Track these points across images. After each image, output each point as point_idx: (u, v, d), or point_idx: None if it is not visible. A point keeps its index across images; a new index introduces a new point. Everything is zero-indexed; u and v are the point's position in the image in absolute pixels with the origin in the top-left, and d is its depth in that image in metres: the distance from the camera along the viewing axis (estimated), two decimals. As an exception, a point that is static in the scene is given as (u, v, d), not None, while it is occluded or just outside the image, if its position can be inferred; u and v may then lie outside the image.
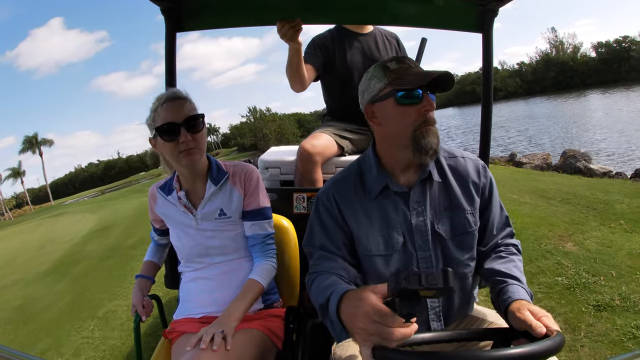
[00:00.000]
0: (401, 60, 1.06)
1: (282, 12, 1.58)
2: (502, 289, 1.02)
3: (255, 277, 1.32)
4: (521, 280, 1.03)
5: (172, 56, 1.64)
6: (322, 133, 2.09)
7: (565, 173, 7.29)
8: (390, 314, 0.72)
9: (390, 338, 0.71)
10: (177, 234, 1.40)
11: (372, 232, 1.10)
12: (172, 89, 1.31)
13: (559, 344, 0.76)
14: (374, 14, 1.73)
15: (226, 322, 1.18)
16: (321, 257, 1.10)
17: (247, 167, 1.42)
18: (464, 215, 1.11)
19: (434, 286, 0.64)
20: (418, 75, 1.01)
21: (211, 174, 1.37)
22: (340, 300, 0.86)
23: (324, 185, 1.19)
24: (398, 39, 2.30)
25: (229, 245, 1.38)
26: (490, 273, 1.08)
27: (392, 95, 1.03)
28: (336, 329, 0.89)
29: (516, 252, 1.16)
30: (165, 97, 1.26)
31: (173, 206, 1.38)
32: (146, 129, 1.32)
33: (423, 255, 1.09)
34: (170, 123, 1.23)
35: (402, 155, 1.08)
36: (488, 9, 1.60)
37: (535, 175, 7.38)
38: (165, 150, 1.27)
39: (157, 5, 1.52)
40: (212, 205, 1.36)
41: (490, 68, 1.71)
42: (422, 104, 1.02)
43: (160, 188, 1.42)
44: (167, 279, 1.75)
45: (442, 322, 1.13)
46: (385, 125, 1.07)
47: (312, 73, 2.06)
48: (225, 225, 1.36)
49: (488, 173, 1.18)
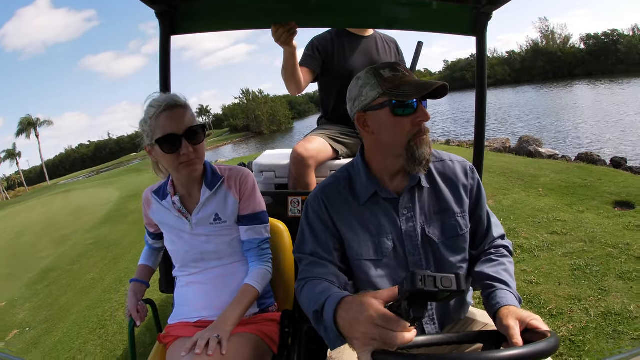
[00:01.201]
0: (394, 67, 1.04)
1: (276, 16, 1.57)
2: (490, 293, 1.02)
3: (250, 282, 1.31)
4: (510, 285, 1.03)
5: (167, 60, 1.63)
6: (316, 137, 2.08)
7: (518, 155, 8.17)
8: (395, 319, 0.72)
9: (394, 342, 0.71)
10: (171, 239, 1.39)
11: (362, 237, 1.10)
12: (170, 95, 1.26)
13: (553, 346, 0.75)
14: (368, 18, 1.73)
15: (221, 327, 1.18)
16: (311, 263, 1.10)
17: (243, 171, 1.41)
18: (455, 218, 1.12)
19: (448, 289, 0.64)
20: (414, 86, 1.00)
21: (206, 179, 1.36)
22: (337, 305, 0.85)
23: (313, 192, 1.18)
24: (397, 43, 2.31)
25: (224, 250, 1.37)
26: (480, 277, 1.09)
27: (387, 106, 1.01)
28: (331, 336, 0.89)
29: (507, 254, 1.15)
30: (164, 105, 1.22)
31: (167, 211, 1.37)
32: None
33: (413, 259, 1.10)
34: (171, 135, 1.20)
35: (394, 163, 1.08)
36: (482, 13, 1.60)
37: (489, 156, 8.19)
38: (165, 160, 1.26)
39: (152, 9, 1.52)
40: (207, 210, 1.35)
41: (484, 71, 1.70)
42: (417, 114, 1.01)
43: (155, 192, 1.40)
44: (161, 283, 1.75)
45: (437, 325, 1.13)
46: (378, 134, 1.06)
47: (309, 76, 2.06)
48: (220, 230, 1.36)
49: (476, 175, 1.18)
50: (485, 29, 1.64)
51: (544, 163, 6.86)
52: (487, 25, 1.64)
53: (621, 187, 4.68)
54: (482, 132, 1.72)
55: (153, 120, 1.22)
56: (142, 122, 1.26)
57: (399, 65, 1.06)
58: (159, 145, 1.22)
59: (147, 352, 1.44)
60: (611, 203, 4.26)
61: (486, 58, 1.70)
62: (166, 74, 1.64)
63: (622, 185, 4.76)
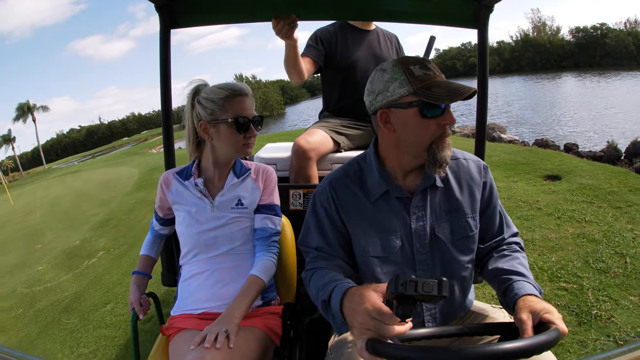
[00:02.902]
0: (425, 65, 1.00)
1: (277, 9, 1.58)
2: (507, 287, 1.00)
3: (257, 273, 1.33)
4: (526, 276, 1.01)
5: (167, 53, 1.63)
6: (318, 129, 2.08)
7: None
8: (389, 314, 0.76)
9: (386, 335, 0.76)
10: (187, 221, 1.39)
11: (369, 234, 1.09)
12: (240, 84, 1.37)
13: (553, 339, 0.76)
14: (369, 10, 1.73)
15: (229, 320, 1.20)
16: (317, 256, 1.11)
17: (269, 168, 1.50)
18: (465, 219, 1.11)
19: (429, 294, 0.69)
20: (446, 90, 0.96)
21: (234, 168, 1.44)
22: (343, 296, 0.89)
23: (321, 184, 1.17)
24: (397, 38, 2.31)
25: (238, 237, 1.39)
26: (495, 273, 1.06)
27: (416, 106, 0.97)
28: (337, 323, 0.95)
29: (519, 249, 1.15)
30: (237, 90, 1.33)
31: (189, 191, 1.40)
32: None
33: (421, 258, 1.09)
34: (244, 117, 1.32)
35: (410, 162, 1.07)
36: (483, 5, 1.60)
37: (454, 140, 9.16)
38: (230, 139, 1.34)
39: (152, 2, 1.51)
40: (231, 194, 1.41)
41: (486, 62, 1.69)
42: (444, 116, 0.99)
43: (177, 173, 1.44)
44: (163, 277, 1.75)
45: (438, 322, 1.13)
46: (401, 133, 1.02)
47: (311, 66, 2.06)
48: (239, 215, 1.40)
49: (489, 174, 1.17)
50: (487, 21, 1.65)
51: (500, 146, 7.55)
52: (488, 17, 1.64)
53: (556, 164, 5.47)
54: (484, 123, 1.73)
55: (226, 101, 1.31)
56: (204, 100, 1.33)
57: (429, 62, 1.02)
58: (234, 124, 1.32)
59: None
60: (543, 176, 5.09)
61: (487, 50, 1.70)
62: (166, 67, 1.64)
63: (557, 163, 5.55)
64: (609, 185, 4.45)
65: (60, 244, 6.08)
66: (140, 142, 41.47)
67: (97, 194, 10.09)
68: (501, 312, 1.17)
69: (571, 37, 57.83)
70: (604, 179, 4.65)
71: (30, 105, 52.53)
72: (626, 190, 4.24)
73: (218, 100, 1.31)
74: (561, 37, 58.89)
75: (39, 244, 6.56)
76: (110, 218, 6.73)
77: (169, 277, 1.72)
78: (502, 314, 1.16)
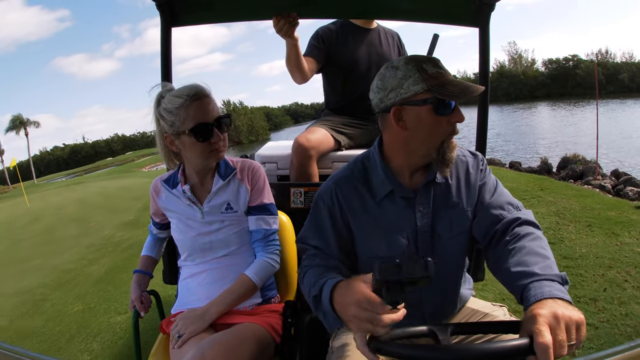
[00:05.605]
0: (437, 63, 1.00)
1: (278, 7, 1.56)
2: (521, 297, 0.87)
3: (248, 273, 1.33)
4: (534, 274, 0.86)
5: (168, 51, 1.63)
6: (318, 127, 2.07)
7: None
8: (379, 302, 0.75)
9: (380, 324, 0.75)
10: (180, 228, 1.39)
11: (375, 235, 1.09)
12: (195, 85, 1.28)
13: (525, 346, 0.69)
14: (371, 8, 1.73)
15: (202, 317, 1.24)
16: (314, 254, 1.10)
17: (254, 163, 1.44)
18: (464, 214, 1.10)
19: (414, 275, 0.68)
20: (459, 87, 0.96)
21: (219, 169, 1.38)
22: (333, 289, 0.89)
23: (326, 184, 1.15)
24: (399, 36, 2.31)
25: (233, 240, 1.38)
26: (505, 278, 0.94)
27: (430, 103, 0.97)
28: (329, 318, 0.94)
29: (524, 234, 0.99)
30: (192, 95, 1.23)
31: (177, 199, 1.38)
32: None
33: (423, 254, 1.07)
34: (204, 124, 1.23)
35: (417, 161, 1.06)
36: (484, 3, 1.59)
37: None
38: (194, 148, 1.27)
39: (153, 1, 1.51)
40: (219, 199, 1.36)
41: (487, 62, 1.70)
42: (454, 114, 0.99)
43: (165, 181, 1.41)
44: (165, 275, 1.75)
45: (426, 320, 1.12)
46: (414, 131, 1.01)
47: (313, 66, 2.05)
48: (230, 219, 1.37)
49: (485, 165, 1.17)
50: (489, 20, 1.64)
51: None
52: (490, 16, 1.63)
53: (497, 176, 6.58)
54: (485, 118, 1.73)
55: (182, 110, 1.23)
56: (164, 112, 1.26)
57: (439, 61, 1.02)
58: (192, 134, 1.24)
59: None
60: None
61: (489, 48, 1.69)
62: (167, 65, 1.64)
63: (497, 175, 6.69)
64: (525, 186, 5.69)
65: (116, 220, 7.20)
66: (126, 163, 41.24)
67: (122, 195, 10.82)
68: (501, 310, 1.17)
69: (544, 69, 61.19)
70: (523, 183, 5.90)
71: (23, 120, 52.35)
72: (537, 189, 5.46)
73: (175, 110, 1.24)
74: (535, 69, 62.10)
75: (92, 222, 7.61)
76: (144, 208, 7.75)
77: (170, 276, 1.73)
78: (502, 312, 1.16)
